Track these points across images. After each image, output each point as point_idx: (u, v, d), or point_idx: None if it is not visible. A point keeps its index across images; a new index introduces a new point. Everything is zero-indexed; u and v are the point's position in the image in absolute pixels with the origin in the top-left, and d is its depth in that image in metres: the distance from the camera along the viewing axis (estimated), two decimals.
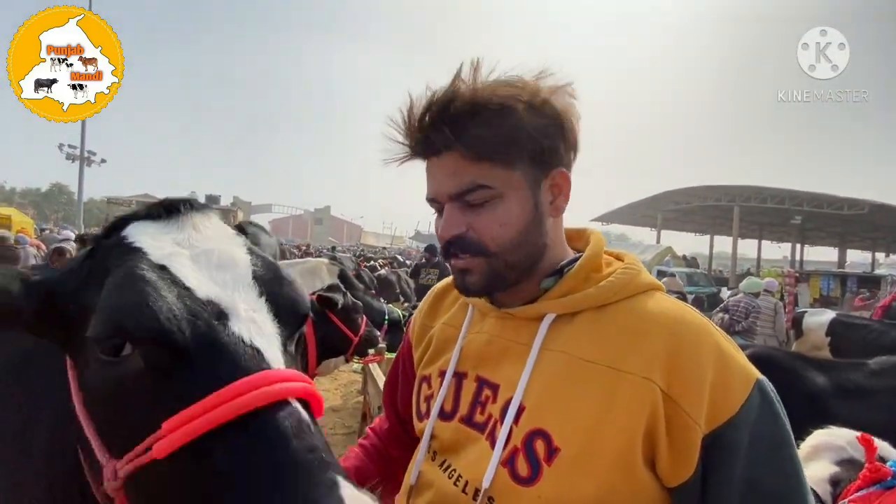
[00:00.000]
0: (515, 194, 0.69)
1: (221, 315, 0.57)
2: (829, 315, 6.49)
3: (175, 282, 0.58)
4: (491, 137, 0.66)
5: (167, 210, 0.67)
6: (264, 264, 0.67)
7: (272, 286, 0.64)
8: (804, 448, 1.40)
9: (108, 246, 0.64)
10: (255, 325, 0.58)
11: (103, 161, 22.62)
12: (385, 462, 0.94)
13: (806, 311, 6.76)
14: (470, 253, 0.70)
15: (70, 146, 21.43)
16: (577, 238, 0.80)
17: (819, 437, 1.47)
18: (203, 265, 0.61)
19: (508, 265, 0.70)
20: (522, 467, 0.64)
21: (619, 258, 0.78)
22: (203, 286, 0.59)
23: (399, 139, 0.72)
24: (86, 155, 21.04)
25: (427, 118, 0.68)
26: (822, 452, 1.42)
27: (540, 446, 0.64)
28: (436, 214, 0.75)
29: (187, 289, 0.57)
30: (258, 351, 0.56)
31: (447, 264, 0.75)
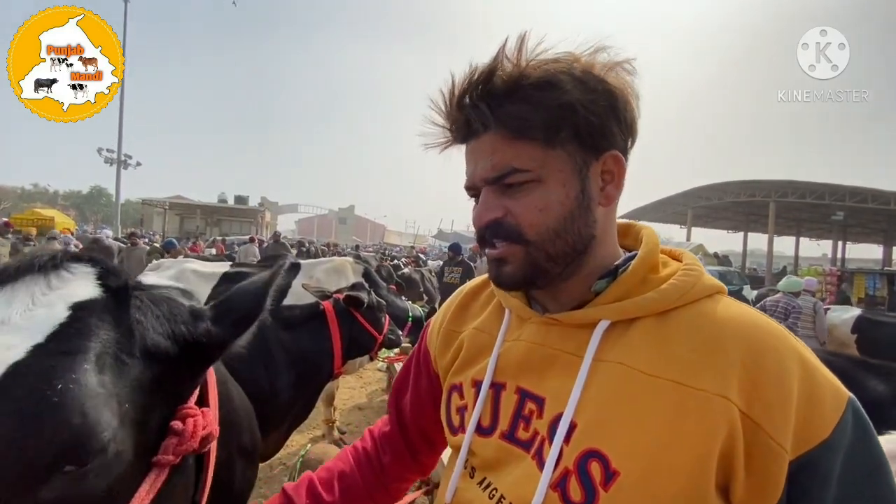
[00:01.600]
0: (558, 177, 0.62)
1: None
2: (854, 312, 6.39)
3: None
4: (531, 114, 0.60)
5: (10, 273, 0.54)
6: (37, 371, 0.48)
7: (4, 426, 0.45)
8: None
9: None
10: None
11: (139, 164, 23.53)
12: (374, 470, 0.88)
13: (830, 308, 6.53)
14: (506, 240, 0.64)
15: (108, 150, 22.38)
16: (625, 234, 0.72)
17: (887, 444, 1.34)
18: None
19: (549, 256, 0.63)
20: (576, 492, 0.57)
21: (674, 257, 0.70)
22: None
23: (439, 122, 0.67)
24: (122, 158, 21.92)
25: (466, 97, 0.63)
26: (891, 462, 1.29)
27: (595, 469, 0.56)
28: (473, 203, 0.69)
29: None
30: None
31: (483, 255, 0.70)
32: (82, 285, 0.57)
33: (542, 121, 0.60)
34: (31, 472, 0.45)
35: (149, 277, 3.98)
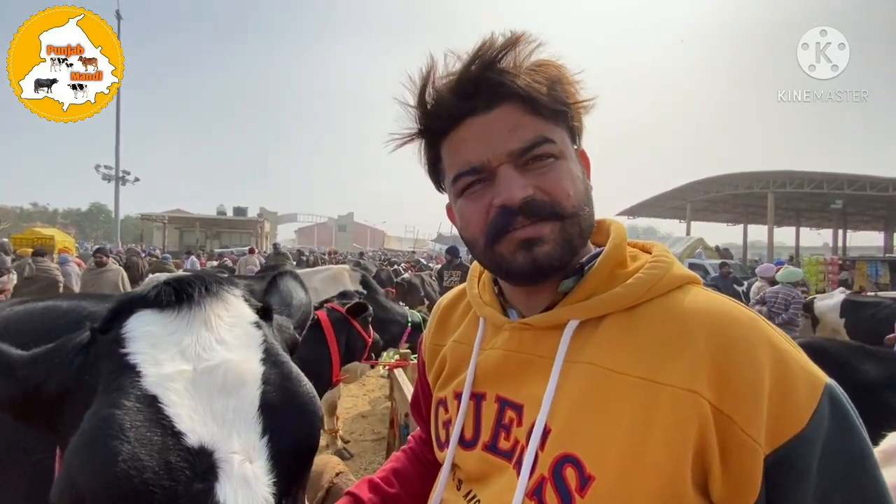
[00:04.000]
0: (571, 155, 0.64)
1: (209, 473, 0.47)
2: (838, 296, 6.41)
3: (163, 426, 0.48)
4: (550, 91, 0.60)
5: (177, 296, 0.56)
6: (279, 379, 0.56)
7: (281, 418, 0.54)
8: (877, 453, 1.25)
9: (103, 344, 0.54)
10: (245, 489, 0.48)
11: (137, 180, 23.63)
12: (423, 464, 0.90)
13: (815, 298, 6.60)
14: (541, 217, 0.60)
15: (106, 167, 22.49)
16: (597, 231, 0.70)
17: (893, 439, 1.31)
18: (203, 390, 0.51)
19: (581, 231, 0.62)
20: (552, 499, 0.55)
21: (645, 250, 0.69)
22: (196, 428, 0.49)
23: (420, 104, 0.65)
24: (120, 175, 22.01)
25: (477, 64, 0.61)
26: (893, 458, 1.28)
27: (570, 475, 0.55)
28: (461, 201, 0.65)
29: (176, 435, 0.47)
30: None
31: (497, 247, 0.62)
32: (243, 306, 0.62)
33: (558, 101, 0.61)
34: (311, 455, 0.57)
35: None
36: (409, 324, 4.14)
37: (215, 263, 14.63)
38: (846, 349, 2.24)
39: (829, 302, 6.33)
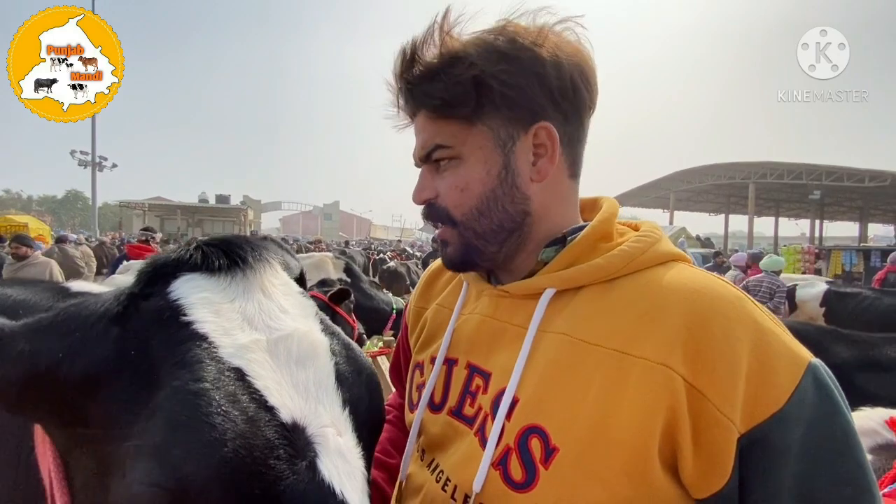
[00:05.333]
0: (478, 155, 0.61)
1: (307, 449, 0.44)
2: (821, 286, 6.49)
3: (257, 401, 0.44)
4: (443, 92, 0.59)
5: (228, 259, 0.51)
6: (344, 350, 0.55)
7: (356, 390, 0.52)
8: None
9: (150, 312, 0.47)
10: (343, 463, 0.46)
11: (115, 166, 22.96)
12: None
13: (797, 284, 6.64)
14: (441, 222, 0.65)
15: (82, 152, 21.78)
16: (591, 208, 0.70)
17: (861, 419, 1.34)
18: (282, 361, 0.48)
19: (477, 235, 0.63)
20: (516, 470, 0.54)
21: (636, 228, 0.67)
22: (286, 402, 0.45)
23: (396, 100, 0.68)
24: (97, 160, 21.36)
25: (398, 82, 0.65)
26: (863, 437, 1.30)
27: (536, 446, 0.54)
28: None
29: (270, 409, 0.44)
30: None
31: None
32: (284, 273, 0.59)
33: (453, 97, 0.59)
34: (382, 427, 0.59)
35: (116, 279, 3.87)
36: (395, 311, 4.14)
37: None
38: (818, 331, 2.30)
39: (812, 291, 6.41)
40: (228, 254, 0.52)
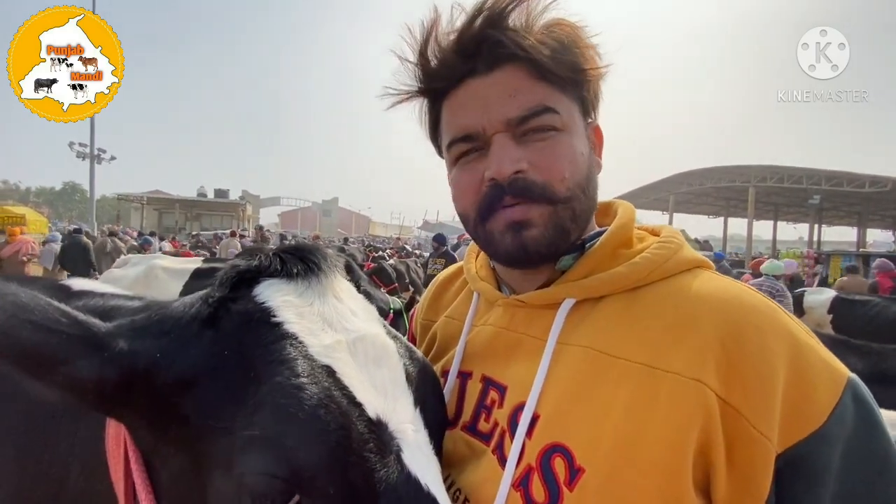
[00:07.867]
0: (578, 129, 0.57)
1: (392, 443, 0.47)
2: (829, 293, 6.48)
3: (349, 398, 0.46)
4: (560, 54, 0.54)
5: (304, 266, 0.54)
6: (408, 352, 0.58)
7: (424, 390, 0.55)
8: None
9: (239, 314, 0.50)
10: (424, 457, 0.49)
11: (113, 158, 22.85)
12: None
13: (805, 290, 6.66)
14: (531, 198, 0.55)
15: (81, 144, 21.67)
16: (604, 213, 0.66)
17: None
18: (361, 361, 0.51)
19: (574, 216, 0.57)
20: (539, 492, 0.50)
21: (654, 234, 0.64)
22: (370, 399, 0.48)
23: (420, 61, 0.60)
24: (95, 153, 21.23)
25: (480, 21, 0.55)
26: None
27: (559, 466, 0.50)
28: (455, 170, 0.61)
29: (358, 405, 0.47)
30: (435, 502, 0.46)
31: (484, 228, 0.60)
32: (347, 280, 0.62)
33: (571, 67, 0.55)
34: (445, 427, 0.62)
35: (114, 273, 3.82)
36: (391, 310, 4.12)
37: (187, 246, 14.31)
38: (829, 341, 2.27)
39: (820, 297, 6.41)
40: (304, 260, 0.55)
